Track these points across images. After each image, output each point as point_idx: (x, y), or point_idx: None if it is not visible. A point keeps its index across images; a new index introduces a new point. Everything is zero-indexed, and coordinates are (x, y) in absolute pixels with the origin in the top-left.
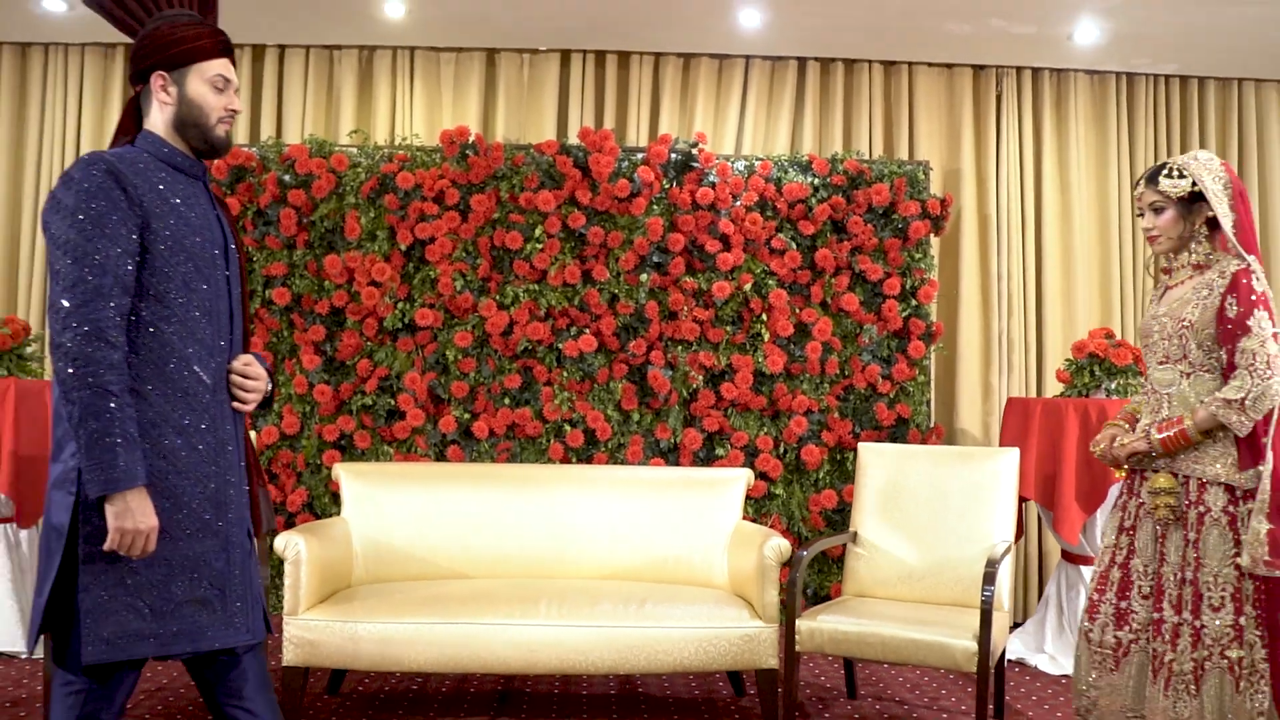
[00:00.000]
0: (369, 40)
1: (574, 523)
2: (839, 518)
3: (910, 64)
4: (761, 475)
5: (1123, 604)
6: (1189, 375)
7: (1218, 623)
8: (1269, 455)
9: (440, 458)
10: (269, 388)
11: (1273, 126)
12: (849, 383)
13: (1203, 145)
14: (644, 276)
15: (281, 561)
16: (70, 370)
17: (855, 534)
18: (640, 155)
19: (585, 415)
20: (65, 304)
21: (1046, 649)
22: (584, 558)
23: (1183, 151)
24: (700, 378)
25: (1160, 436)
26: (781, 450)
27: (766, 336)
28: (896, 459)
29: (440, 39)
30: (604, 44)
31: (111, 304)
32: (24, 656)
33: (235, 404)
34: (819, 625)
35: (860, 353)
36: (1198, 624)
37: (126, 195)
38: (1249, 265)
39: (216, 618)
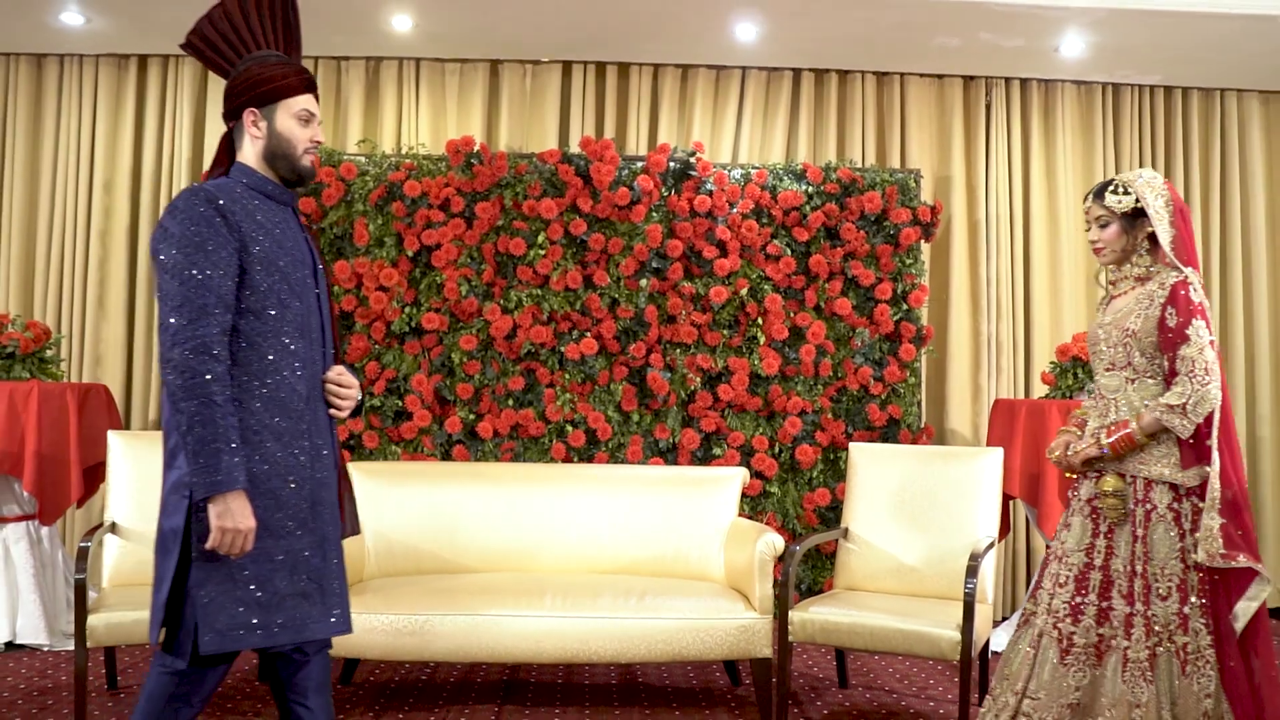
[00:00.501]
0: (376, 52)
1: (576, 519)
2: (832, 515)
3: (902, 75)
4: (757, 474)
5: (1078, 599)
6: (1133, 381)
7: (1166, 610)
8: (1214, 455)
9: (446, 457)
10: (360, 397)
11: (1253, 135)
12: (842, 384)
13: (1186, 153)
14: (643, 282)
15: None
16: (180, 382)
17: (846, 530)
18: (640, 164)
19: (586, 416)
20: (173, 321)
21: None
22: (586, 553)
23: (1166, 160)
24: (698, 379)
25: (1109, 441)
26: (777, 450)
27: (762, 340)
28: (886, 458)
29: (445, 50)
30: (604, 55)
31: (215, 321)
32: (150, 645)
33: (331, 411)
34: (811, 616)
35: (853, 355)
36: (1149, 613)
37: (225, 221)
38: (1187, 278)
39: (316, 610)
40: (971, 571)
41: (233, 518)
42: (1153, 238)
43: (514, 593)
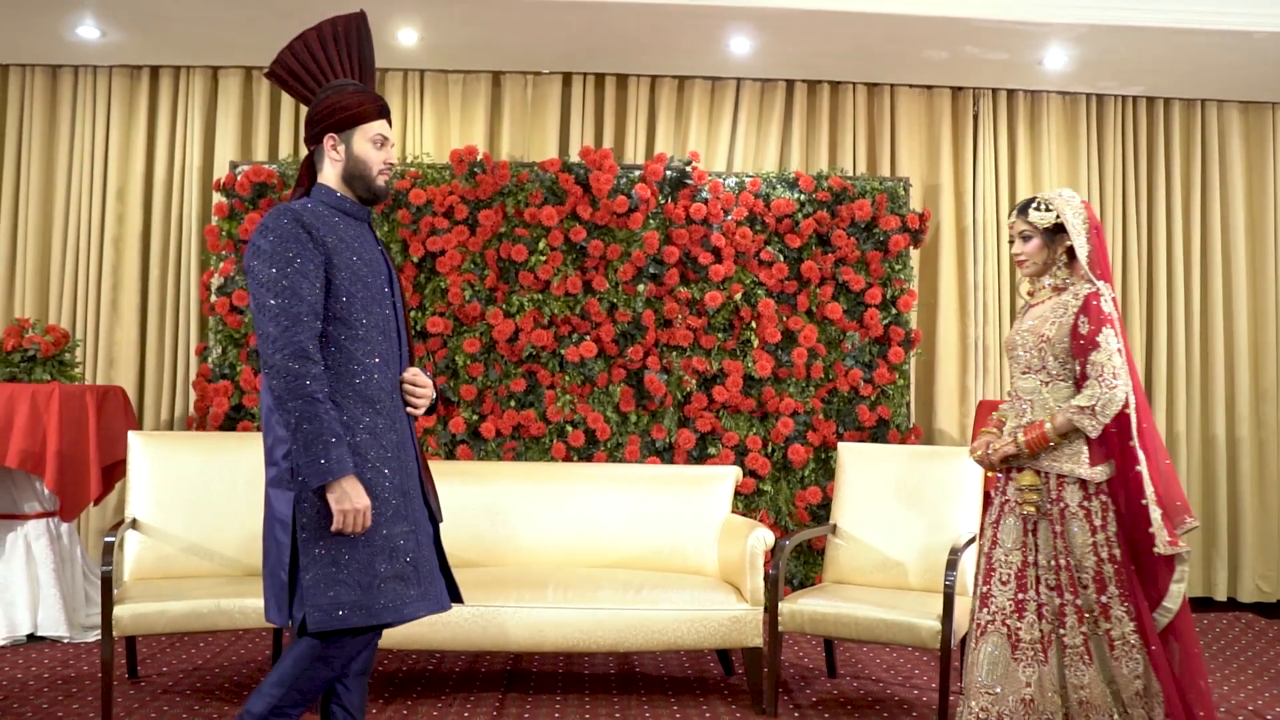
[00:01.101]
0: (382, 63)
1: (577, 516)
2: (823, 512)
3: (892, 85)
4: (751, 473)
5: (984, 588)
6: (1048, 384)
7: (1088, 599)
8: (1139, 454)
9: (450, 457)
10: (434, 395)
11: (1233, 143)
12: (833, 386)
13: (1168, 162)
14: (641, 287)
15: None
16: (283, 385)
17: (835, 526)
18: (637, 173)
19: (586, 416)
20: (272, 330)
21: None
22: (586, 548)
23: (1149, 168)
24: (694, 381)
25: (1025, 439)
26: (770, 449)
27: (756, 343)
28: (873, 458)
29: (449, 62)
30: (603, 67)
31: (309, 327)
32: (283, 627)
33: (408, 409)
34: (799, 607)
35: (843, 358)
36: (1078, 602)
37: (311, 238)
38: (1099, 290)
39: (414, 592)
40: (951, 565)
41: (349, 499)
42: (1071, 251)
43: (517, 585)
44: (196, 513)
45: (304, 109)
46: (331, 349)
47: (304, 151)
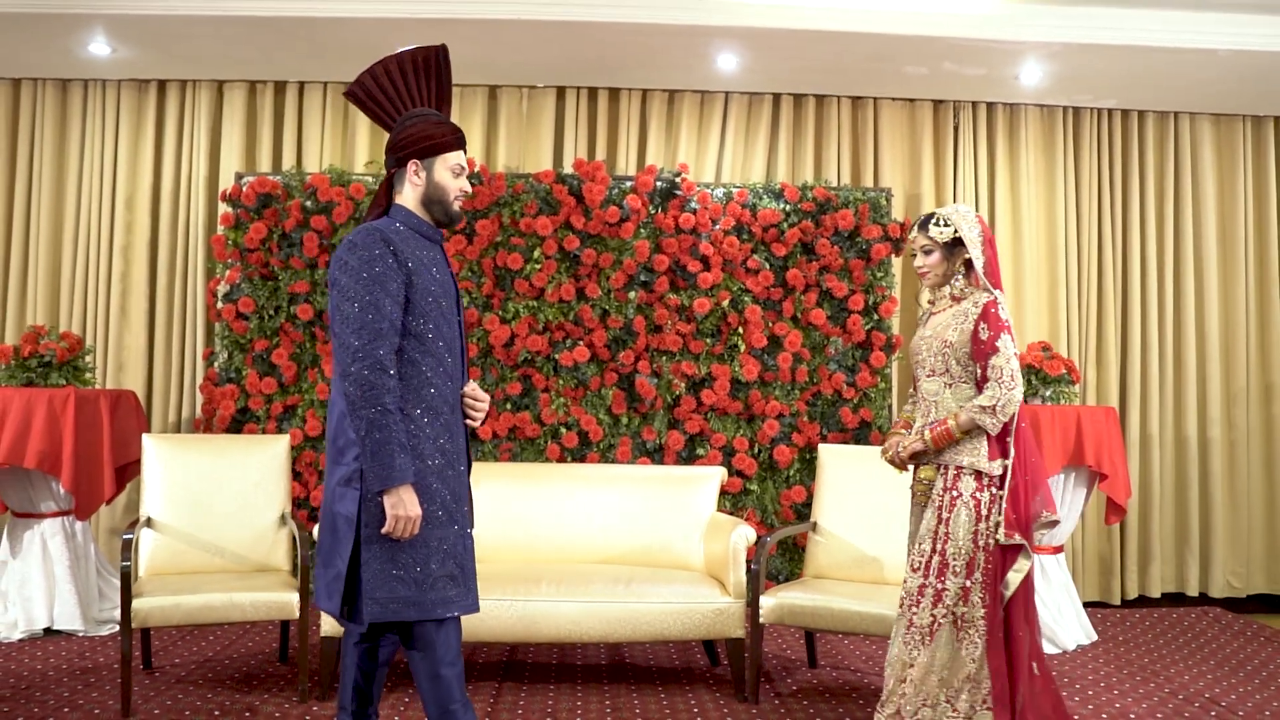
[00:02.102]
0: None
1: (570, 514)
2: (808, 510)
3: (875, 99)
4: (738, 473)
5: (921, 581)
6: (950, 386)
7: (955, 584)
8: (1012, 450)
9: None
10: (488, 408)
11: (1205, 155)
12: (817, 389)
13: (1142, 172)
14: (632, 294)
15: (313, 547)
16: (359, 394)
17: (815, 524)
18: (629, 184)
19: (579, 419)
20: (354, 342)
21: None
22: (579, 544)
23: (1124, 178)
24: (683, 385)
25: (931, 435)
26: (756, 450)
27: (743, 348)
28: (853, 459)
29: None
30: (596, 81)
31: (388, 341)
32: (331, 615)
33: (467, 421)
34: (780, 600)
35: (827, 362)
36: (940, 586)
37: (395, 257)
38: (996, 298)
39: (460, 591)
40: None
41: (404, 507)
42: (968, 263)
43: (513, 580)
44: (207, 511)
45: (308, 119)
46: (405, 363)
47: (307, 162)
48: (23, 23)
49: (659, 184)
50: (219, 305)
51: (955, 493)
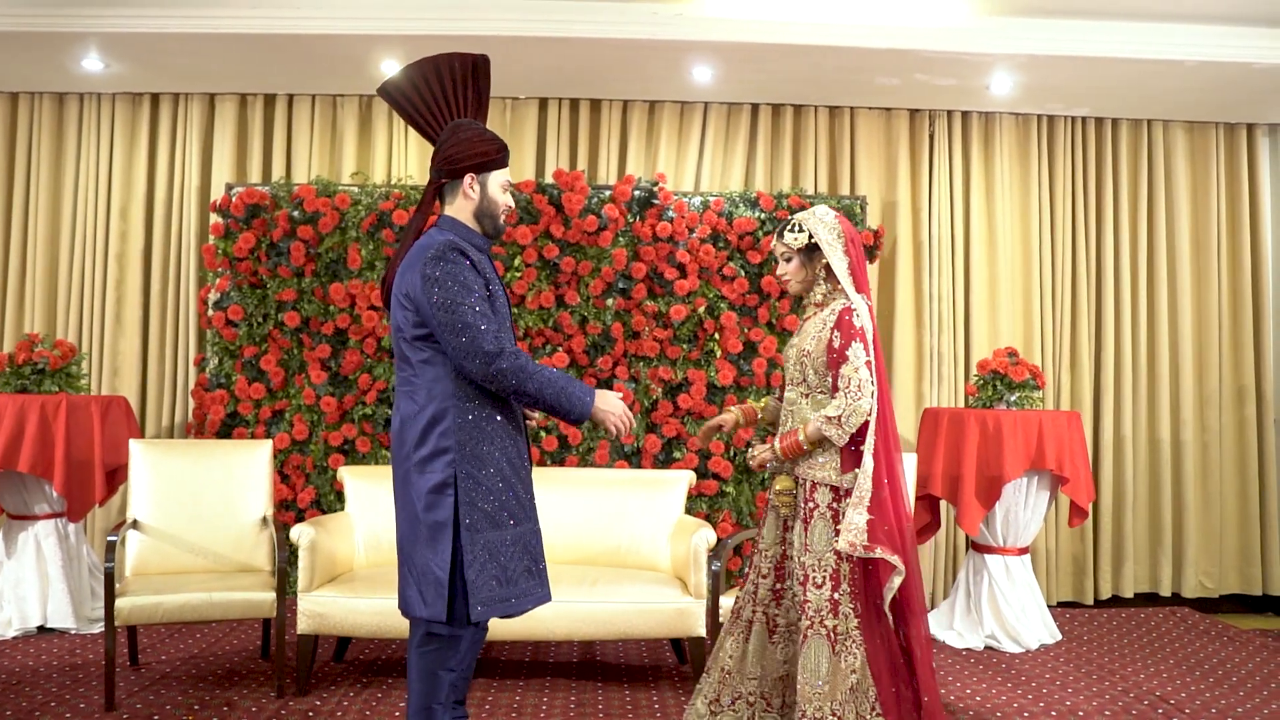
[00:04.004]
0: (368, 89)
1: (543, 517)
2: None
3: (852, 108)
4: (715, 475)
5: (778, 585)
6: (808, 396)
7: (819, 597)
8: (867, 459)
9: None
10: None
11: (1178, 161)
12: None
13: (1116, 179)
14: (610, 301)
15: (296, 548)
16: (513, 383)
17: None
18: (608, 193)
19: (558, 423)
20: (483, 347)
21: (955, 626)
22: (552, 546)
23: (1098, 185)
24: (660, 390)
25: (781, 446)
26: (732, 453)
27: (718, 353)
28: None
29: None
30: (578, 93)
31: (496, 330)
32: (427, 619)
33: (529, 421)
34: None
35: None
36: (805, 599)
37: (475, 268)
38: (852, 304)
39: (536, 584)
40: None
41: (612, 408)
42: (829, 268)
43: None
44: (192, 513)
45: (296, 130)
46: None
47: (296, 173)
48: (20, 40)
49: (637, 193)
50: (209, 313)
51: (812, 504)
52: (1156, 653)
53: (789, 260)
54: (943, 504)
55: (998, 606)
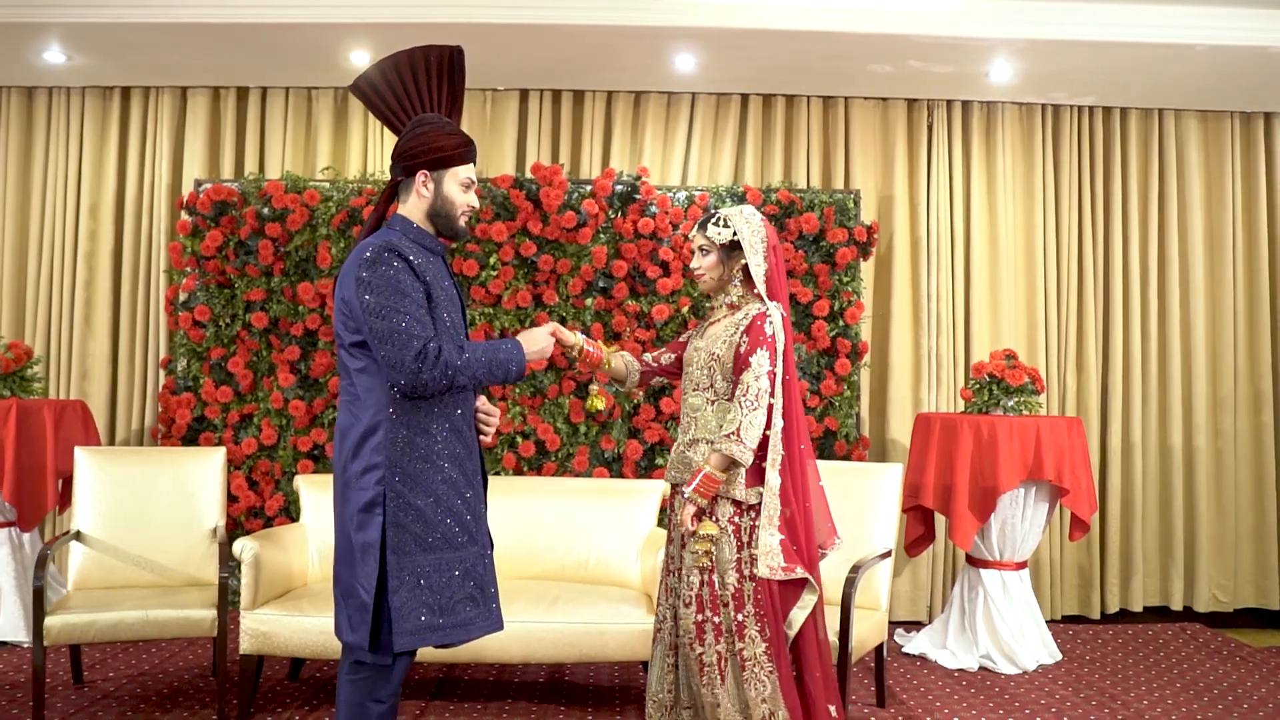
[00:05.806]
0: (343, 82)
1: (506, 528)
2: None
3: (846, 98)
4: None
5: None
6: (713, 402)
7: (726, 617)
8: (771, 475)
9: None
10: (498, 423)
11: (1191, 153)
12: None
13: (1125, 171)
14: (590, 300)
15: (239, 563)
16: (443, 383)
17: None
18: (587, 188)
19: (536, 428)
20: (405, 355)
21: (948, 645)
22: (514, 560)
23: (1105, 177)
24: (641, 393)
25: (697, 492)
26: None
27: None
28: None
29: None
30: (559, 83)
31: (419, 335)
32: (353, 645)
33: (480, 436)
34: None
35: None
36: (717, 620)
37: (413, 271)
38: (766, 310)
39: (479, 612)
40: (850, 582)
41: (541, 347)
42: (746, 270)
43: None
44: (139, 525)
45: (270, 124)
46: None
47: (270, 168)
48: None
49: (618, 188)
50: (177, 313)
51: (714, 518)
52: (1162, 675)
53: (707, 254)
54: (936, 516)
55: (993, 624)
